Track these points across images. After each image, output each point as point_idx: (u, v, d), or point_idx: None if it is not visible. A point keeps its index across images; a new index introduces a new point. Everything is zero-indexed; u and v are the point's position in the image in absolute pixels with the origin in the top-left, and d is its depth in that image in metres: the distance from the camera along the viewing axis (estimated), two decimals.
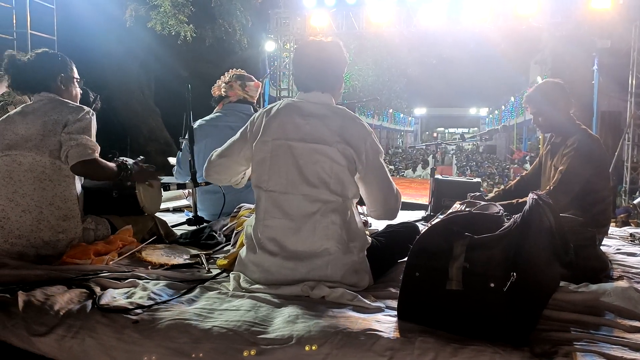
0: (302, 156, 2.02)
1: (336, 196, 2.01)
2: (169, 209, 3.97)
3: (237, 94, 3.48)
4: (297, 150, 2.03)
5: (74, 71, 2.58)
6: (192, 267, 2.33)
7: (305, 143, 2.03)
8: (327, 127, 2.03)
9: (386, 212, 2.18)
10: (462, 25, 9.44)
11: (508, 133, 32.28)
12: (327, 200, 2.00)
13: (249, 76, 3.53)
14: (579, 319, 1.75)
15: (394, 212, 2.18)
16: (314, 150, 2.01)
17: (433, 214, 3.70)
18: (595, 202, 2.71)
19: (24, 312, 1.71)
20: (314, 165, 2.01)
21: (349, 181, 2.03)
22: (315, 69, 2.14)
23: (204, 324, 1.63)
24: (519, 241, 1.59)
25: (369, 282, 2.08)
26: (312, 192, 2.00)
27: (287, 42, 11.34)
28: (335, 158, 2.00)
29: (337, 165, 2.01)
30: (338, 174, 2.01)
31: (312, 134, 2.03)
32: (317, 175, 2.00)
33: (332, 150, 2.00)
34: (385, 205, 2.14)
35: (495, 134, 36.56)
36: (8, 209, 2.32)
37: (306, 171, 2.01)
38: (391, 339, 1.54)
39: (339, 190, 2.01)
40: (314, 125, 2.04)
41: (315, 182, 2.00)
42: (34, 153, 2.32)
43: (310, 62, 2.16)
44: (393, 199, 2.14)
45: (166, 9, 10.63)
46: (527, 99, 2.97)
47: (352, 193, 2.06)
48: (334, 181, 2.01)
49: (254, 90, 3.50)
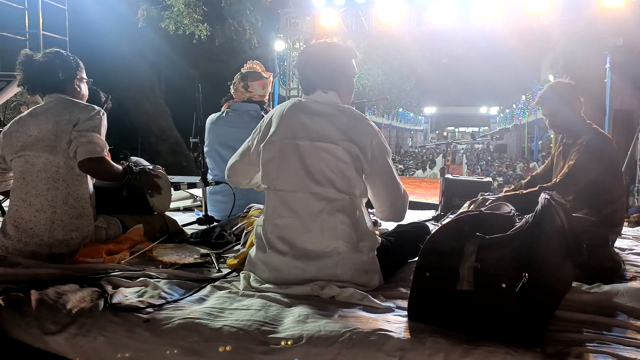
0: (309, 155, 2.02)
1: (342, 194, 2.01)
2: (179, 208, 3.99)
3: (242, 95, 3.46)
4: (304, 148, 2.03)
5: (83, 72, 2.60)
6: (203, 266, 2.34)
7: (311, 141, 2.03)
8: (332, 125, 2.03)
9: (393, 213, 2.16)
10: (473, 23, 9.39)
11: (519, 132, 32.09)
12: (334, 199, 2.00)
13: (254, 74, 3.45)
14: (591, 319, 1.73)
15: (401, 213, 2.16)
16: (320, 148, 2.01)
17: (443, 214, 3.69)
18: (608, 202, 2.69)
19: (37, 311, 1.72)
20: (320, 164, 2.01)
21: (356, 179, 2.03)
22: (317, 67, 2.15)
23: (215, 323, 1.64)
24: (531, 241, 1.58)
25: (379, 282, 2.08)
26: (319, 190, 2.00)
27: (296, 42, 11.34)
28: (341, 156, 2.00)
29: (342, 163, 2.00)
30: (344, 172, 2.01)
31: (317, 132, 2.03)
32: (323, 173, 2.00)
33: (338, 148, 2.00)
34: (392, 206, 2.13)
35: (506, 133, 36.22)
36: (22, 209, 2.35)
37: (313, 169, 2.01)
38: (401, 339, 1.53)
39: (345, 188, 2.01)
40: (319, 124, 2.04)
41: (322, 181, 2.00)
42: (47, 153, 2.34)
43: (312, 61, 2.17)
44: (400, 200, 2.12)
45: (180, 8, 10.67)
46: (540, 100, 2.95)
47: (360, 191, 2.05)
48: (339, 179, 2.00)
49: (259, 89, 3.45)
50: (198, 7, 11.04)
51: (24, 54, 2.49)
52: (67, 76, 2.49)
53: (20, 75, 2.48)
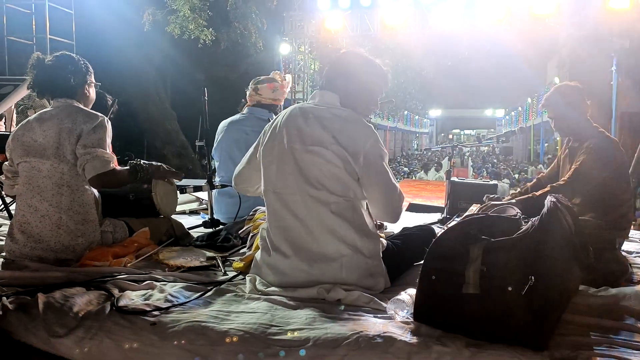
0: (302, 158, 2.03)
1: (337, 197, 2.00)
2: (185, 211, 4.00)
3: (253, 99, 3.53)
4: (298, 152, 2.04)
5: (92, 76, 2.60)
6: (209, 269, 2.34)
7: (304, 145, 2.04)
8: (324, 129, 2.04)
9: (387, 214, 2.15)
10: (478, 26, 9.39)
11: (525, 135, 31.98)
12: (331, 202, 2.00)
13: (264, 78, 3.53)
14: (598, 323, 1.72)
15: (395, 215, 2.14)
16: (312, 152, 2.02)
17: (449, 217, 3.68)
18: (615, 205, 2.67)
19: (44, 314, 1.73)
20: (313, 167, 2.02)
21: (350, 182, 2.02)
22: (327, 68, 2.20)
23: (221, 327, 1.64)
24: (538, 244, 1.57)
25: (384, 285, 2.08)
26: (315, 194, 2.01)
27: (301, 45, 11.39)
28: (332, 160, 2.00)
29: (334, 167, 2.00)
30: (336, 175, 2.01)
31: (311, 136, 2.04)
32: (317, 177, 2.01)
33: (328, 152, 2.01)
34: (385, 208, 2.11)
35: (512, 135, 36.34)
36: (28, 214, 2.36)
37: (307, 173, 2.02)
38: (407, 342, 1.53)
39: (339, 191, 2.01)
40: (313, 127, 2.05)
41: (316, 184, 2.01)
42: (52, 160, 2.34)
43: (329, 63, 2.22)
44: (395, 203, 2.10)
45: (185, 13, 10.72)
46: (546, 103, 2.94)
47: (355, 193, 2.03)
48: (333, 182, 2.00)
49: (269, 92, 3.49)
50: (203, 11, 11.07)
51: (35, 57, 2.49)
52: (78, 81, 2.49)
53: (31, 78, 2.48)
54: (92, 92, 2.62)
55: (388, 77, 2.26)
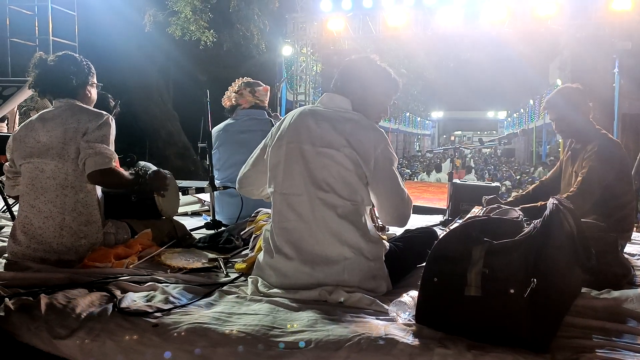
0: (312, 160, 2.03)
1: (345, 200, 2.01)
2: (187, 212, 4.00)
3: (248, 101, 3.51)
4: (308, 153, 2.04)
5: (94, 77, 2.60)
6: (211, 271, 2.34)
7: (315, 147, 2.03)
8: (336, 131, 2.03)
9: (395, 219, 2.15)
10: (480, 27, 9.40)
11: (527, 136, 31.95)
12: (338, 205, 2.00)
13: (256, 82, 3.57)
14: (601, 325, 1.72)
15: (403, 220, 2.16)
16: (323, 154, 2.02)
17: (451, 219, 3.67)
18: (618, 207, 2.67)
19: (47, 315, 1.74)
20: (322, 169, 2.01)
21: (359, 186, 2.02)
22: (341, 69, 2.21)
23: (223, 328, 1.64)
24: (540, 246, 1.57)
25: (387, 288, 2.08)
26: (323, 196, 2.00)
27: (303, 47, 11.40)
28: (343, 162, 2.00)
29: (344, 170, 2.00)
30: (346, 179, 2.01)
31: (322, 137, 2.04)
32: (326, 179, 2.01)
33: (340, 154, 2.00)
34: (394, 212, 2.12)
35: (514, 137, 36.26)
36: (31, 215, 2.36)
37: (316, 175, 2.02)
38: (409, 344, 1.53)
39: (347, 194, 2.01)
40: (324, 129, 2.05)
41: (324, 186, 2.00)
42: (57, 161, 2.34)
43: (342, 64, 2.24)
44: (403, 208, 2.12)
45: (187, 14, 10.72)
46: (548, 105, 2.93)
47: (362, 198, 2.04)
48: (341, 185, 2.00)
49: (264, 94, 3.54)
50: (205, 13, 11.07)
51: (37, 57, 2.49)
52: (80, 82, 2.50)
53: (32, 77, 2.48)
54: (94, 93, 2.62)
55: (400, 86, 2.28)
